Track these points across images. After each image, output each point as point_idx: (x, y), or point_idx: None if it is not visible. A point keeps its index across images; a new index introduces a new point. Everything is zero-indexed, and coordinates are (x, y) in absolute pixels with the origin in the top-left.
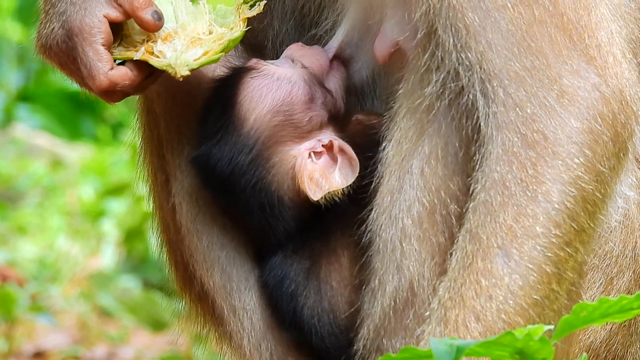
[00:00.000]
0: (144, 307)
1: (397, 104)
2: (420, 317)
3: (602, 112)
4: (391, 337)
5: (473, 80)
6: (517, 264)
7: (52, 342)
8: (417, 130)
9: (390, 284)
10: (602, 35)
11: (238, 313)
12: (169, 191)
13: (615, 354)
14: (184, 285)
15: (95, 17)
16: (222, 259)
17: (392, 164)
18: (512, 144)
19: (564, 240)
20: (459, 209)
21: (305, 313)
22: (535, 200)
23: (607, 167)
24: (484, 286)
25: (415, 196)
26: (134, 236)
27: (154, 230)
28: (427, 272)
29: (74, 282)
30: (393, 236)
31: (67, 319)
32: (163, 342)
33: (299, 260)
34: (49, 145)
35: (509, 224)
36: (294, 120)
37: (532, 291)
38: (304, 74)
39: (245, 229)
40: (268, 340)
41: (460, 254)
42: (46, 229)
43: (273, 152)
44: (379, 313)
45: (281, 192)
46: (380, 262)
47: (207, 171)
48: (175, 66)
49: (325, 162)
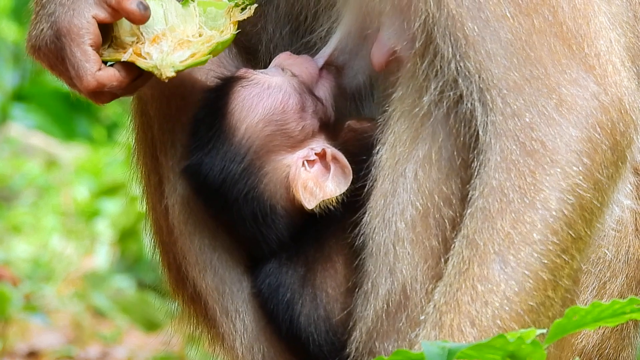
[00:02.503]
0: (138, 307)
1: (391, 108)
2: (413, 321)
3: (601, 121)
4: (384, 340)
5: (471, 89)
6: (514, 270)
7: (46, 342)
8: (411, 134)
9: (383, 287)
10: (601, 44)
11: (230, 315)
12: (162, 193)
13: (608, 357)
14: (176, 286)
15: (84, 18)
16: (214, 262)
17: (385, 167)
18: (510, 152)
19: (561, 247)
20: (452, 213)
21: (302, 321)
22: (533, 208)
23: (605, 176)
24: (479, 292)
25: (409, 200)
26: (128, 236)
27: (148, 231)
28: (420, 276)
29: (67, 281)
30: (386, 239)
31: (61, 319)
32: (156, 343)
33: (294, 268)
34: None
35: (507, 231)
36: (286, 129)
37: (528, 297)
38: (294, 83)
39: (237, 238)
40: (260, 342)
41: (456, 259)
42: (40, 229)
43: (265, 161)
44: (372, 316)
45: (274, 201)
46: (373, 265)
47: (198, 181)
48: (161, 67)
49: (319, 171)
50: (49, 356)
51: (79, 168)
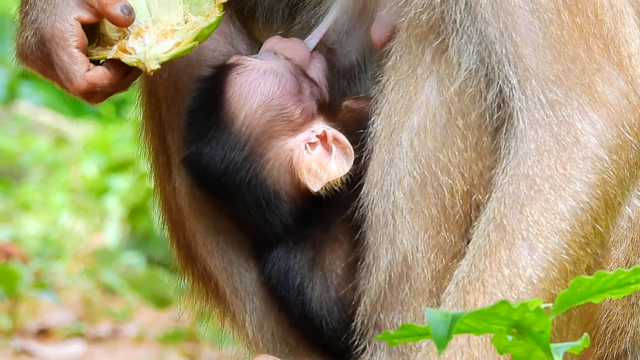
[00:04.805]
0: (148, 283)
1: (385, 77)
2: (417, 291)
3: (630, 120)
4: (388, 312)
5: (504, 74)
6: (541, 257)
7: (56, 319)
8: (406, 102)
9: (385, 259)
10: (633, 46)
11: (240, 294)
12: (170, 173)
13: (617, 325)
14: (186, 264)
15: (67, 22)
16: (221, 243)
17: (381, 137)
18: (544, 142)
19: (585, 240)
20: (450, 181)
21: (314, 305)
22: (563, 198)
23: (629, 174)
24: (506, 275)
25: (406, 169)
26: (137, 213)
27: (157, 209)
28: (421, 245)
29: (77, 259)
30: (385, 210)
31: (71, 296)
32: (167, 319)
33: (302, 252)
34: (52, 122)
35: (536, 219)
36: (285, 114)
37: (551, 286)
38: (289, 66)
39: (241, 226)
40: (270, 321)
41: (482, 241)
42: (50, 206)
43: (267, 147)
44: (375, 288)
45: (277, 186)
46: (373, 237)
47: (199, 171)
48: (145, 61)
49: (321, 153)
50: (60, 334)
51: (88, 145)
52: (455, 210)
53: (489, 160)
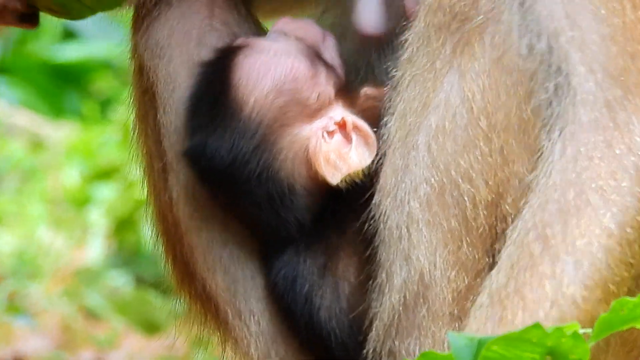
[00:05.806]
0: (136, 307)
1: (400, 72)
2: (435, 314)
3: None
4: (403, 338)
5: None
6: (585, 275)
7: (32, 347)
8: (423, 100)
9: (399, 277)
10: None
11: (244, 317)
12: (166, 181)
13: None
14: (182, 283)
15: None
16: (225, 258)
17: (395, 140)
18: (595, 147)
19: (631, 261)
20: (472, 190)
21: (322, 316)
22: (613, 213)
23: None
24: (548, 291)
25: (422, 176)
26: (125, 227)
27: (149, 220)
28: (439, 262)
29: (56, 278)
30: (399, 222)
31: (49, 321)
32: (158, 346)
33: (313, 257)
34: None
35: (582, 232)
36: (300, 98)
37: (593, 308)
38: (301, 47)
39: (250, 226)
40: (278, 345)
41: (520, 252)
42: (26, 218)
43: (280, 135)
44: (388, 311)
45: (292, 179)
46: (386, 252)
47: (203, 164)
48: None
49: (340, 142)
50: None
51: (69, 149)
52: (478, 223)
53: (516, 166)
